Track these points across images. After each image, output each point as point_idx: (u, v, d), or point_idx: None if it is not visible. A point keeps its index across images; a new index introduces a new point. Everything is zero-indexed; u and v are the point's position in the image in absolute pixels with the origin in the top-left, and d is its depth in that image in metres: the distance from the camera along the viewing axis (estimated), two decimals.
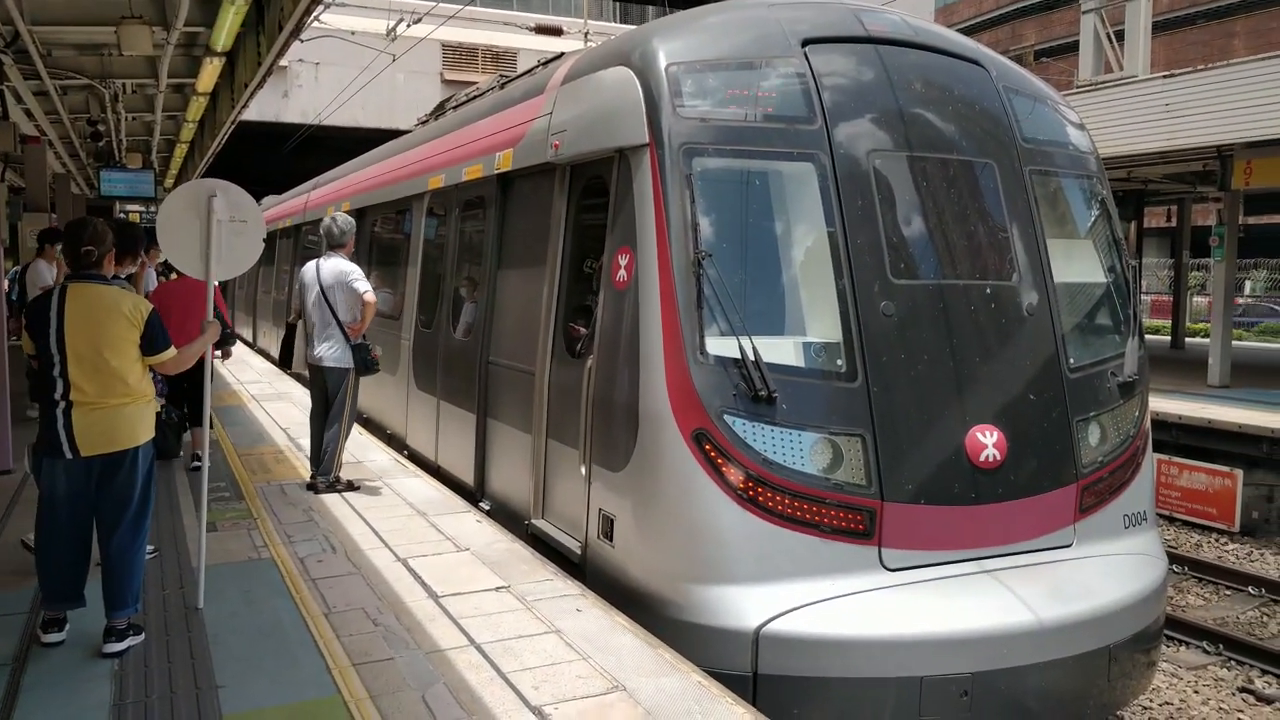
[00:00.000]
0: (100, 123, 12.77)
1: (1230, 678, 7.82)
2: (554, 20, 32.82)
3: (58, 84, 10.86)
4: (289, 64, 28.54)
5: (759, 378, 4.70)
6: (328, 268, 7.28)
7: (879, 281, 5.05)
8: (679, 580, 4.77)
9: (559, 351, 6.01)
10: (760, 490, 4.66)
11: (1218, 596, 9.51)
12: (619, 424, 5.13)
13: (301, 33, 8.23)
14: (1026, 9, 50.74)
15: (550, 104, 6.41)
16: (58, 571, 4.44)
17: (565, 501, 5.84)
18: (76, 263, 4.52)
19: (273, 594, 5.15)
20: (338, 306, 7.21)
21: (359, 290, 7.19)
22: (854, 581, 4.65)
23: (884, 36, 5.64)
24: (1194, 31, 41.64)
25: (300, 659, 4.33)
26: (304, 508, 6.90)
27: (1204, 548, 10.97)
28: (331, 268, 7.27)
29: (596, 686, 4.08)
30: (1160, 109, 13.15)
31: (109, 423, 4.37)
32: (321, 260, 7.38)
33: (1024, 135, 5.77)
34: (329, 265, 7.29)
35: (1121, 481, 5.52)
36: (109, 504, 4.43)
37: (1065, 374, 5.38)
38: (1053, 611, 4.68)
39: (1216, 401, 12.91)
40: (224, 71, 10.61)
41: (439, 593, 5.18)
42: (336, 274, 7.23)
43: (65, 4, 8.39)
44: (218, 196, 5.04)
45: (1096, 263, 5.98)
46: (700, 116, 5.15)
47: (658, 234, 5.03)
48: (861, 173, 5.20)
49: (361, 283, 7.24)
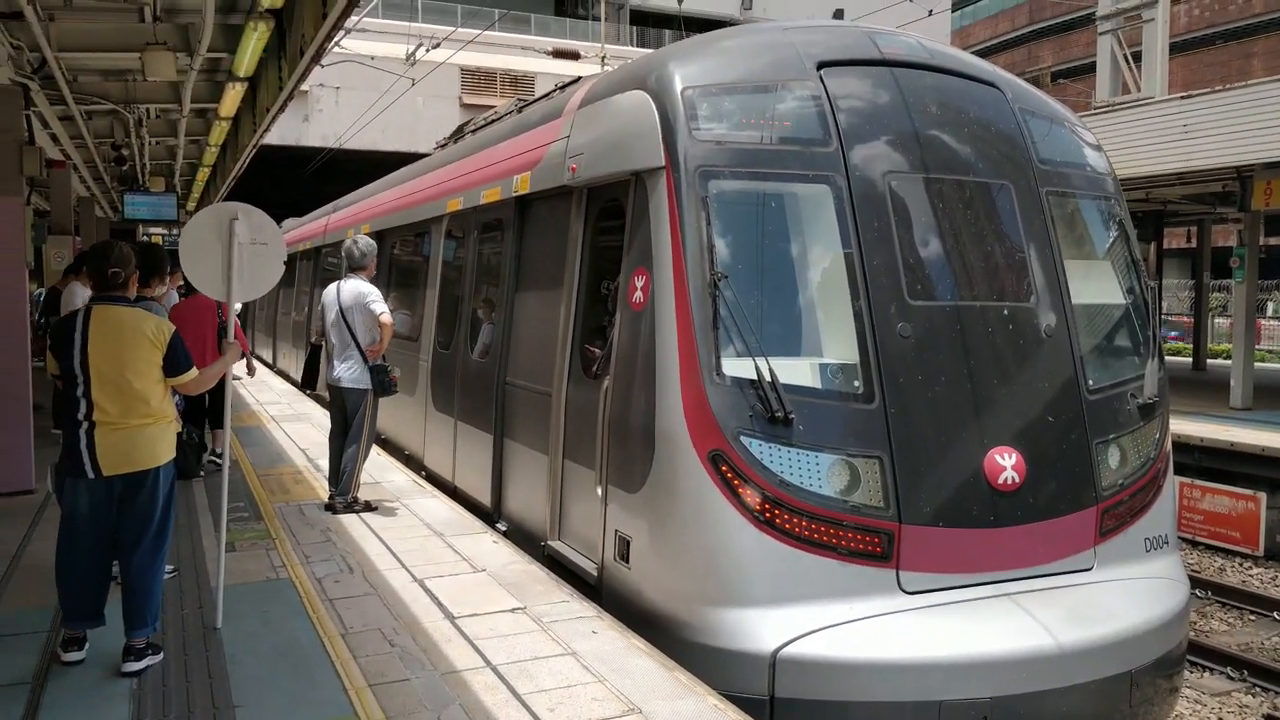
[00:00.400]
0: (124, 147, 12.95)
1: (1255, 704, 7.71)
2: (571, 45, 33.07)
3: (83, 109, 11.03)
4: (310, 89, 28.88)
5: (775, 399, 4.70)
6: (347, 289, 7.35)
7: (896, 303, 5.05)
8: (695, 602, 4.75)
9: (575, 372, 6.03)
10: (777, 512, 4.65)
11: (1242, 621, 9.39)
12: (635, 445, 5.14)
13: (322, 58, 8.32)
14: (1043, 30, 50.80)
15: (567, 127, 6.47)
16: (78, 590, 4.48)
17: (581, 523, 5.84)
18: (102, 284, 4.59)
19: (290, 614, 5.17)
20: (356, 328, 7.27)
21: (375, 311, 7.24)
22: (872, 604, 4.62)
23: (899, 59, 5.66)
24: (1212, 52, 41.53)
25: (317, 679, 4.34)
26: (322, 528, 6.93)
27: (1227, 572, 10.84)
28: (351, 289, 7.34)
29: (612, 709, 4.06)
30: (1178, 130, 13.11)
31: (131, 443, 4.41)
32: (342, 282, 7.45)
33: (1040, 156, 5.76)
34: (348, 287, 7.37)
35: (1142, 504, 5.47)
36: (130, 524, 4.47)
37: (1084, 396, 5.35)
38: (1073, 636, 4.63)
39: (1239, 424, 12.79)
40: (246, 96, 10.74)
41: (455, 614, 5.18)
42: (355, 295, 7.30)
43: (91, 31, 8.53)
44: (239, 220, 5.10)
45: (1115, 284, 5.96)
46: (716, 139, 5.19)
47: (674, 255, 5.05)
48: (877, 194, 5.21)
49: (378, 304, 7.29)
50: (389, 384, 7.35)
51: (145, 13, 7.93)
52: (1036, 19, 51.76)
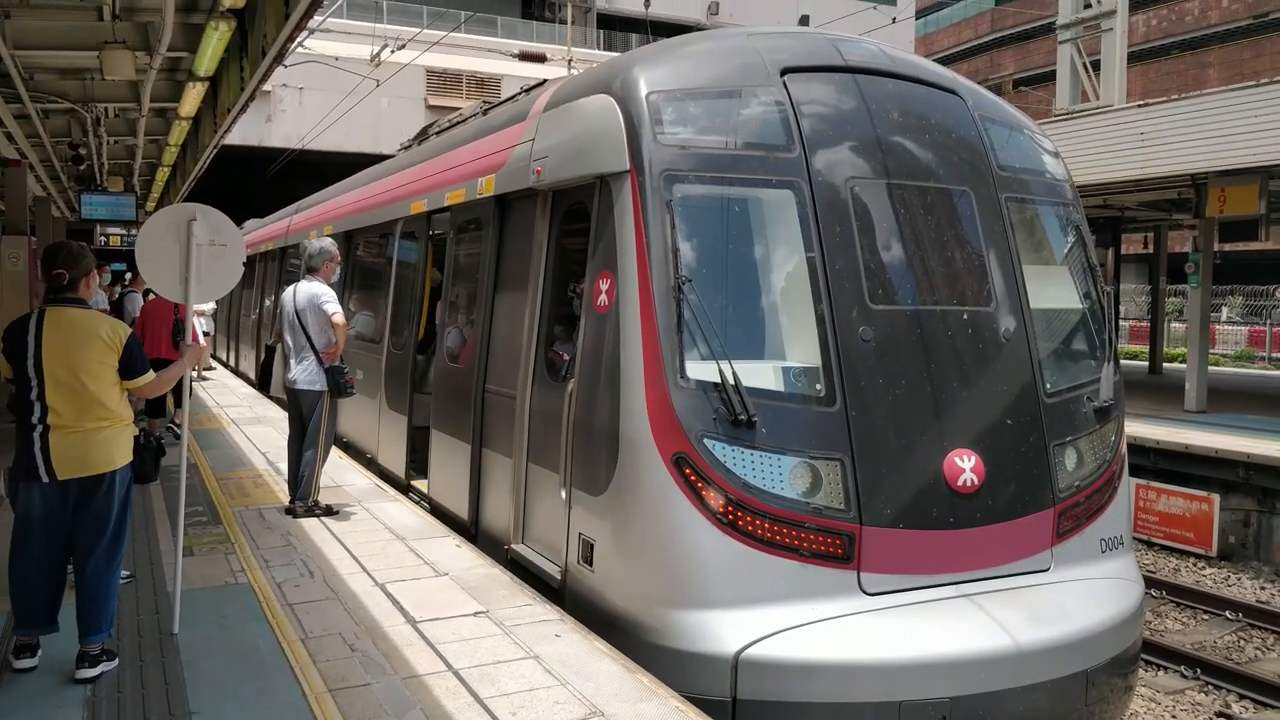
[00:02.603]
0: (82, 146, 12.72)
1: (1208, 702, 7.86)
2: (538, 48, 33.07)
3: (39, 108, 10.83)
4: (273, 89, 28.60)
5: (739, 402, 4.72)
6: (302, 291, 7.29)
7: (857, 307, 5.09)
8: (658, 605, 4.76)
9: (540, 375, 6.02)
10: (739, 514, 4.67)
11: (1195, 621, 9.56)
12: (599, 448, 5.14)
13: (285, 59, 8.24)
14: (1005, 39, 51.52)
15: (533, 130, 6.46)
16: (31, 596, 4.40)
17: (545, 526, 5.83)
18: (52, 286, 4.51)
19: (249, 619, 5.11)
20: (310, 329, 7.20)
21: (328, 312, 7.17)
22: (833, 606, 4.66)
23: (862, 66, 5.72)
24: (1169, 62, 42.35)
25: (276, 685, 4.30)
26: (282, 532, 6.86)
27: (1182, 572, 11.04)
28: (305, 291, 7.28)
29: (574, 712, 4.06)
30: (1135, 138, 13.34)
31: (86, 446, 4.34)
32: (298, 284, 7.38)
33: (1000, 163, 5.84)
34: (304, 289, 7.30)
35: (1098, 506, 5.55)
36: (84, 528, 4.40)
37: (1042, 399, 5.43)
38: (1030, 636, 4.70)
39: (1194, 426, 13.03)
40: (207, 96, 10.61)
41: (417, 618, 5.15)
42: (309, 297, 7.24)
43: (48, 29, 8.38)
44: (197, 220, 5.04)
45: (1072, 288, 6.05)
46: (681, 144, 5.20)
47: (638, 259, 5.06)
48: (840, 200, 5.26)
49: (331, 304, 7.22)
50: (345, 385, 7.28)
51: (104, 11, 7.81)
52: (998, 27, 52.53)
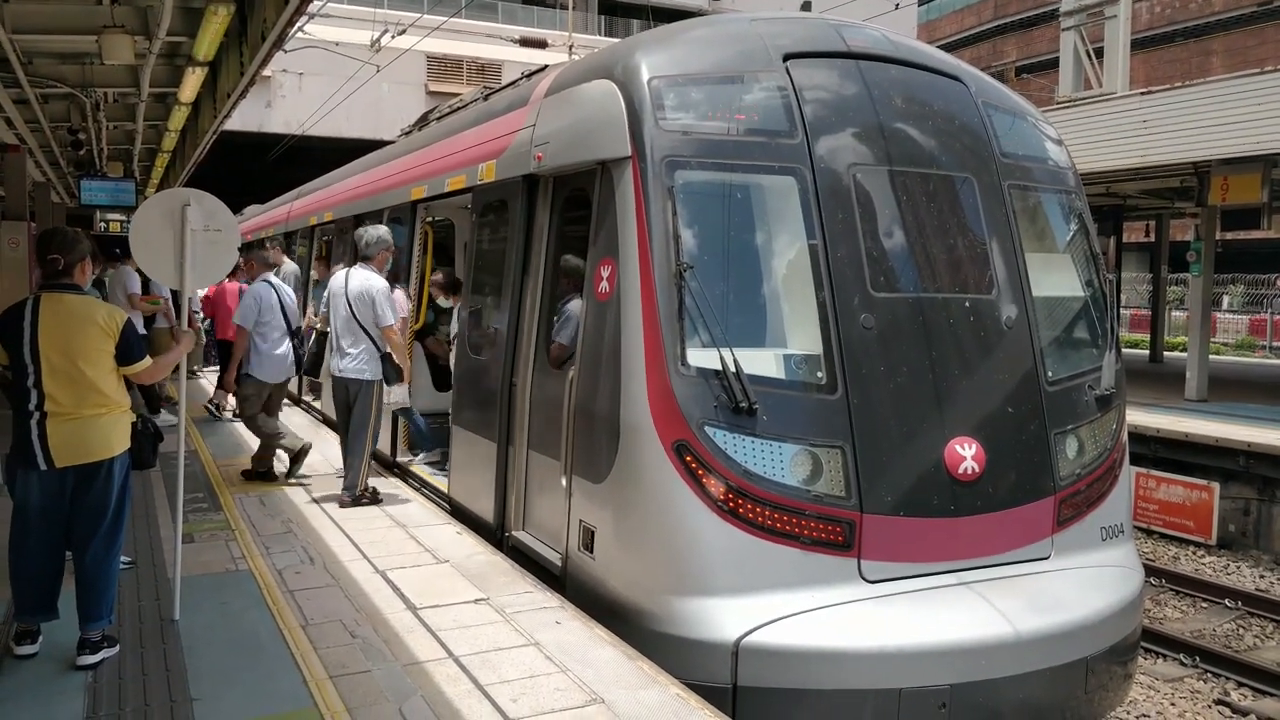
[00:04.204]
0: (81, 131, 12.67)
1: (1207, 690, 7.87)
2: (539, 33, 32.93)
3: (38, 93, 10.77)
4: (272, 74, 28.48)
5: (740, 389, 4.71)
6: (355, 281, 7.18)
7: (859, 294, 5.08)
8: (659, 592, 4.76)
9: (540, 362, 6.00)
10: (740, 502, 4.67)
11: (1195, 609, 9.57)
12: (600, 435, 5.13)
13: (285, 43, 8.20)
14: (1008, 26, 51.28)
15: (534, 116, 6.42)
16: (31, 583, 4.40)
17: (545, 513, 5.83)
18: (49, 272, 4.49)
19: (250, 605, 5.12)
20: (364, 320, 7.10)
21: (382, 322, 7.07)
22: (833, 593, 4.66)
23: (865, 52, 5.68)
24: (1172, 49, 42.18)
25: (276, 671, 4.30)
26: (283, 519, 6.86)
27: (1181, 560, 11.04)
28: (359, 282, 7.15)
29: (575, 699, 4.06)
30: (1138, 125, 13.28)
31: (84, 433, 4.33)
32: (351, 271, 7.31)
33: (1003, 150, 5.82)
34: (357, 279, 7.18)
35: (1099, 494, 5.55)
36: (83, 515, 4.39)
37: (1043, 387, 5.42)
38: (1030, 623, 4.70)
39: (1194, 415, 13.01)
40: (206, 81, 10.55)
41: (417, 605, 5.15)
42: (363, 290, 7.12)
43: (47, 13, 8.33)
44: (192, 205, 5.02)
45: (1074, 277, 6.03)
46: (682, 129, 5.17)
47: (639, 245, 5.04)
48: (842, 186, 5.23)
49: (387, 314, 7.07)
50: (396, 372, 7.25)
51: None
52: (1001, 14, 52.26)
